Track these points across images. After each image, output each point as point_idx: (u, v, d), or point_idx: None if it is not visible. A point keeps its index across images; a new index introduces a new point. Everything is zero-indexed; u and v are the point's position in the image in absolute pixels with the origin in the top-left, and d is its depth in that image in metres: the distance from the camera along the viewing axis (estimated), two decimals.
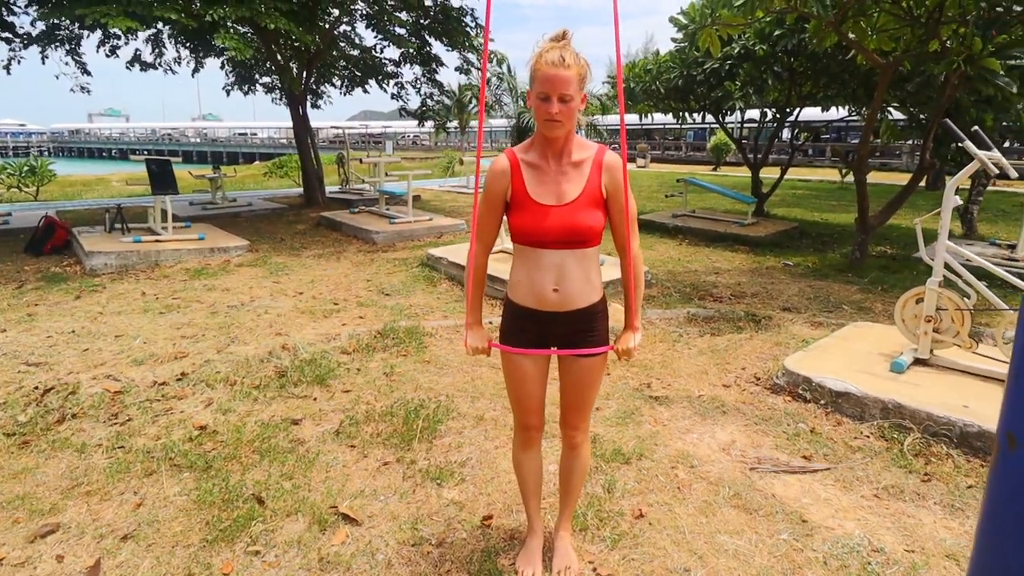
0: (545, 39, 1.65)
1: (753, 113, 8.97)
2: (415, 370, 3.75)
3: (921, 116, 6.94)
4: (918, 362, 3.46)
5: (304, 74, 10.18)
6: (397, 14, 8.87)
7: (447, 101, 11.84)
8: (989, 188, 9.92)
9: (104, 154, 66.29)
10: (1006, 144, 12.11)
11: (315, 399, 3.33)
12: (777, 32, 6.01)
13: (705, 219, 8.63)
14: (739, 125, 9.49)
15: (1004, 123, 6.38)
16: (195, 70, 11.09)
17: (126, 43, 9.50)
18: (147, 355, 3.93)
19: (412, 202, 8.72)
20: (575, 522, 2.26)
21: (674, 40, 6.24)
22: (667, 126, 22.69)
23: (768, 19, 4.94)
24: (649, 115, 8.95)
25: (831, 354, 3.66)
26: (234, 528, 2.22)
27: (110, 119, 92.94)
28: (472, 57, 9.95)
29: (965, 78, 4.69)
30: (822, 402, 3.26)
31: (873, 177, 16.00)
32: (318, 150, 11.57)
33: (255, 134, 64.15)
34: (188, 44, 10.07)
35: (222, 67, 11.07)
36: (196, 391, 3.40)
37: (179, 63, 10.99)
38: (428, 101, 11.45)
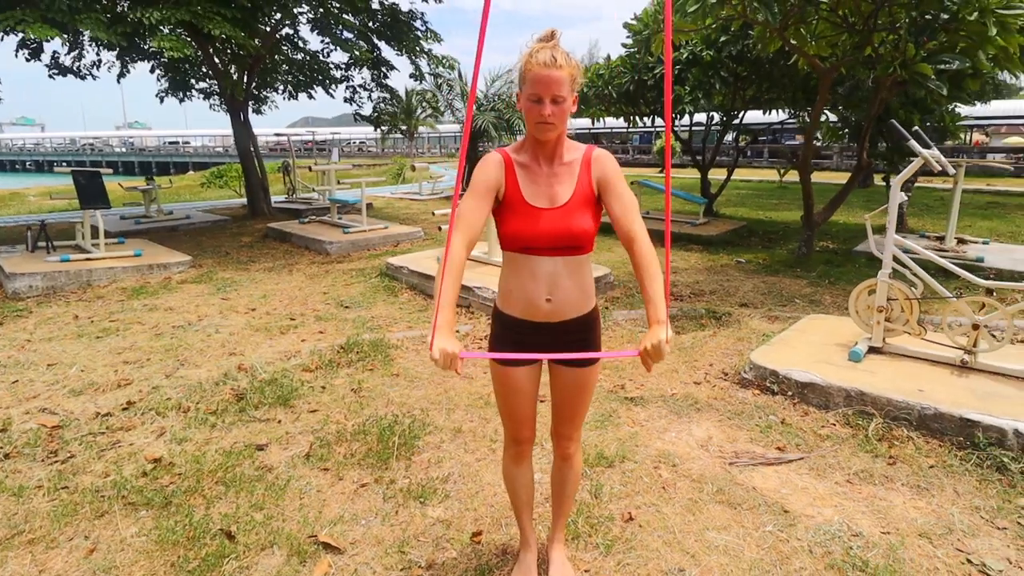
0: (534, 40, 1.60)
1: (700, 116, 9.26)
2: (384, 384, 3.61)
3: (852, 118, 7.33)
4: (873, 350, 3.61)
5: (245, 79, 9.77)
6: (344, 16, 8.63)
7: (393, 108, 11.57)
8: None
9: (18, 166, 61.75)
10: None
11: (279, 422, 3.15)
12: (723, 38, 6.22)
13: (659, 220, 8.80)
14: (688, 128, 9.78)
15: (928, 123, 6.81)
16: (120, 75, 10.42)
17: (41, 49, 8.81)
18: (86, 384, 3.62)
19: (365, 210, 8.50)
20: (567, 530, 2.21)
21: (624, 45, 6.37)
22: (615, 130, 23.15)
23: (714, 25, 5.08)
24: (601, 119, 9.08)
25: (792, 346, 3.77)
26: (204, 568, 2.05)
27: (23, 128, 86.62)
28: (423, 62, 9.83)
29: (896, 82, 4.98)
30: (789, 393, 3.35)
31: (826, 177, 16.83)
32: (262, 158, 11.13)
33: (187, 142, 61.24)
34: (113, 48, 9.46)
35: (152, 71, 10.44)
36: (145, 421, 3.15)
37: (98, 68, 10.25)
38: (381, 105, 11.20)
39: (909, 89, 4.89)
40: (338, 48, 9.42)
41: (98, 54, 10.02)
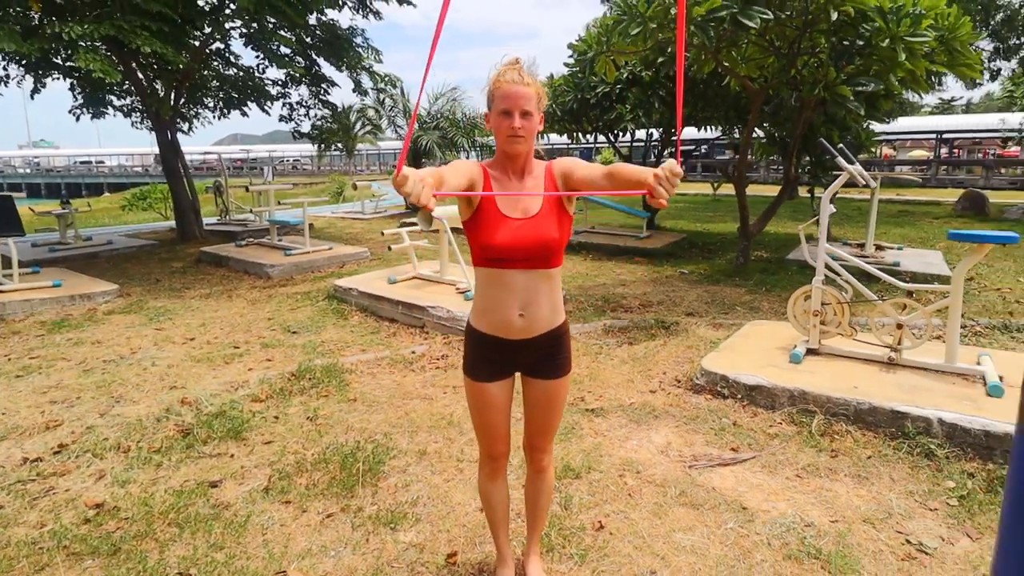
0: (502, 63, 1.69)
1: (641, 133, 9.65)
2: (342, 411, 3.52)
3: (775, 135, 7.85)
4: (810, 352, 3.85)
5: (173, 96, 9.34)
6: (280, 32, 8.42)
7: (332, 125, 11.34)
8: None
9: None
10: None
11: (232, 456, 3.01)
12: (660, 59, 6.56)
13: (605, 234, 9.08)
14: (629, 144, 10.15)
15: (847, 139, 7.38)
16: (34, 91, 9.72)
17: None
18: (9, 428, 3.33)
19: (308, 231, 8.27)
20: (540, 543, 2.23)
21: (567, 65, 6.57)
22: (556, 146, 23.68)
23: (651, 47, 5.34)
24: (544, 136, 9.32)
25: (739, 352, 3.97)
26: None
27: None
28: (365, 78, 9.72)
29: (819, 102, 5.40)
30: (739, 396, 3.51)
31: (729, 189, 17.78)
32: (191, 178, 10.62)
33: (102, 162, 57.45)
34: (23, 62, 8.82)
35: (72, 88, 9.80)
36: (82, 464, 2.93)
37: (5, 83, 9.51)
38: (323, 123, 10.94)
39: (829, 109, 5.32)
40: (274, 64, 9.17)
41: (5, 68, 9.32)
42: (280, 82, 10.32)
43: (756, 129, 7.74)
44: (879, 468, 2.78)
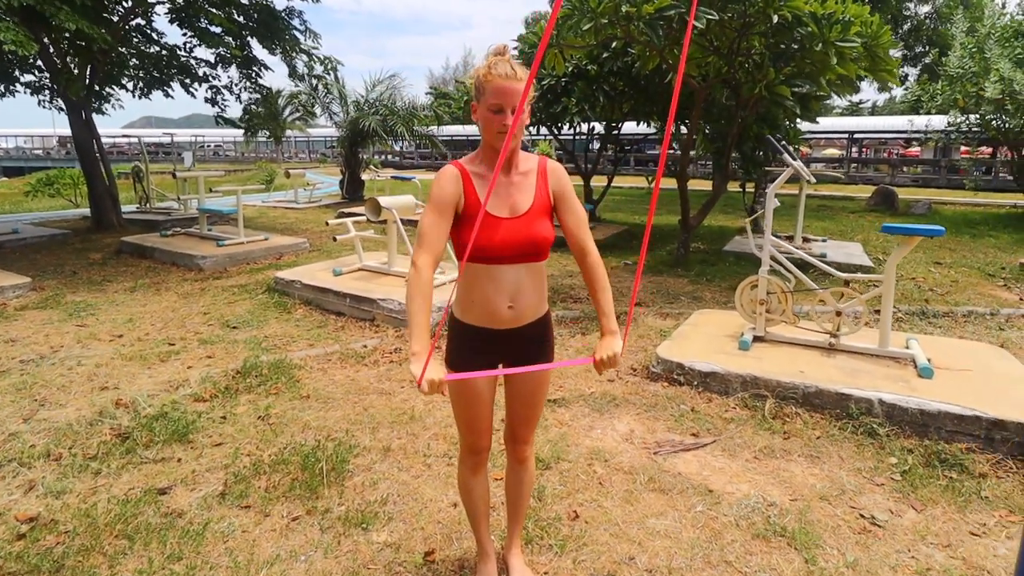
0: (490, 52, 1.64)
1: (583, 127, 9.77)
2: (295, 408, 3.36)
3: (706, 131, 8.16)
4: (757, 339, 4.04)
5: (87, 74, 8.54)
6: (211, 9, 7.85)
7: (262, 110, 10.74)
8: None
9: None
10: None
11: (179, 460, 2.81)
12: (604, 55, 6.64)
13: None
14: (572, 138, 10.26)
15: (777, 138, 7.79)
16: None
17: None
18: None
19: (242, 221, 7.83)
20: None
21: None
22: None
23: (599, 42, 5.40)
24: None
25: (690, 340, 4.11)
26: None
27: None
28: (300, 63, 9.24)
29: (755, 101, 5.65)
30: (694, 383, 3.64)
31: (663, 183, 18.39)
32: (108, 162, 9.79)
33: None
34: None
35: None
36: (7, 475, 2.65)
37: None
38: (252, 108, 10.31)
39: (763, 108, 5.58)
40: (203, 43, 8.56)
41: None
42: (208, 62, 9.65)
43: (684, 125, 8.03)
44: (828, 448, 2.96)
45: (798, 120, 7.09)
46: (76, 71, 8.22)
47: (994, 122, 10.75)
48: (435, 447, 2.93)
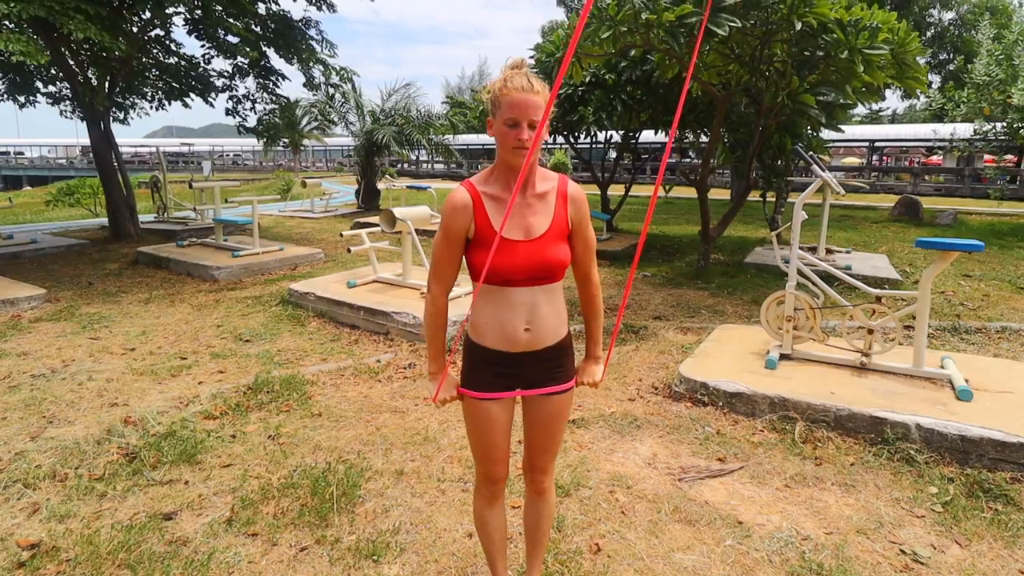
0: (506, 66, 1.58)
1: (601, 136, 9.67)
2: (307, 427, 3.28)
3: (725, 140, 8.01)
4: (784, 357, 3.88)
5: (107, 85, 8.64)
6: (228, 20, 7.90)
7: (280, 120, 10.78)
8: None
9: None
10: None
11: (187, 483, 2.73)
12: (623, 63, 6.54)
13: None
14: (589, 146, 10.17)
15: (801, 147, 7.63)
16: None
17: None
18: None
19: (257, 231, 7.83)
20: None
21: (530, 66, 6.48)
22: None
23: (618, 50, 5.31)
24: None
25: (714, 358, 3.96)
26: None
27: None
28: (317, 72, 9.27)
29: (777, 110, 5.51)
30: (719, 404, 3.49)
31: (680, 192, 18.21)
32: (126, 172, 9.89)
33: (21, 153, 53.11)
34: None
35: None
36: (10, 496, 2.59)
37: None
38: (268, 117, 10.37)
39: (783, 116, 5.44)
40: (221, 54, 8.62)
41: None
42: (227, 73, 9.73)
43: (700, 133, 7.88)
44: (863, 475, 2.80)
45: (822, 129, 6.92)
46: (96, 82, 8.32)
47: (1022, 130, 10.45)
48: (449, 471, 2.82)
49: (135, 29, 8.16)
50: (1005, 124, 10.55)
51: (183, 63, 9.42)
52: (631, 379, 3.98)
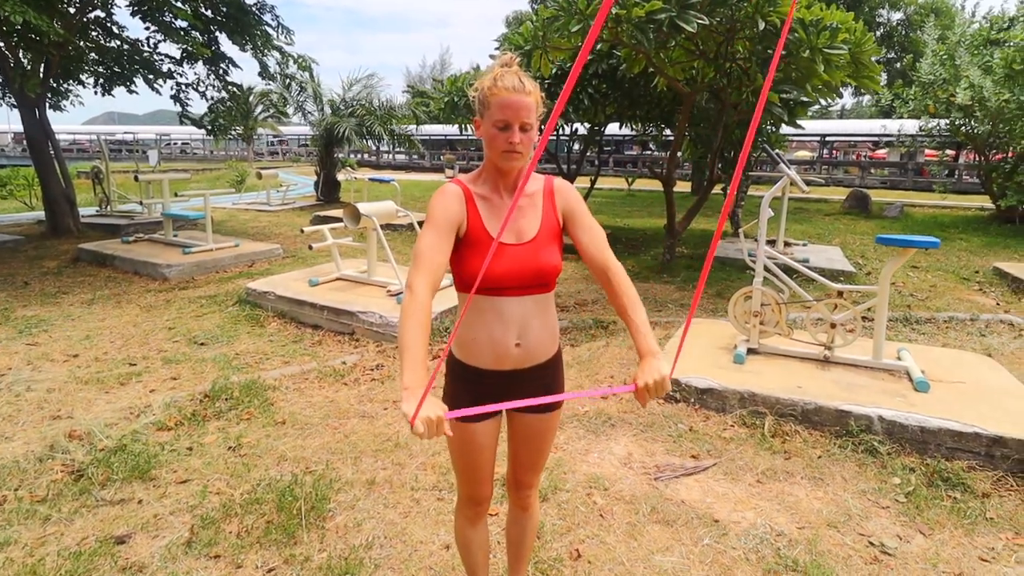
0: (495, 64, 1.49)
1: (566, 128, 9.64)
2: (270, 437, 3.13)
3: (688, 135, 8.11)
4: (751, 351, 3.94)
5: (43, 70, 8.05)
6: (175, 3, 7.44)
7: (231, 108, 10.27)
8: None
9: None
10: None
11: (140, 501, 2.56)
12: (589, 57, 6.50)
13: None
14: (555, 139, 10.11)
15: (760, 143, 7.78)
16: None
17: None
18: None
19: (211, 226, 7.48)
20: None
21: (492, 57, 6.37)
22: (470, 137, 23.38)
23: (581, 44, 5.27)
24: (467, 126, 9.05)
25: (684, 353, 3.99)
26: None
27: None
28: (271, 61, 8.88)
29: (741, 106, 5.59)
30: (691, 400, 3.52)
31: (642, 184, 18.43)
32: (64, 162, 9.28)
33: None
34: None
35: None
36: None
37: None
38: (219, 107, 9.87)
39: (746, 113, 5.53)
40: (168, 38, 8.13)
41: None
42: (174, 59, 9.21)
43: (663, 126, 7.96)
44: (831, 468, 2.86)
45: (783, 124, 7.08)
46: (29, 66, 7.74)
47: (963, 127, 10.97)
48: (423, 479, 2.74)
49: (72, 10, 7.62)
50: (948, 121, 11.05)
51: (126, 46, 8.87)
52: (602, 375, 3.98)
